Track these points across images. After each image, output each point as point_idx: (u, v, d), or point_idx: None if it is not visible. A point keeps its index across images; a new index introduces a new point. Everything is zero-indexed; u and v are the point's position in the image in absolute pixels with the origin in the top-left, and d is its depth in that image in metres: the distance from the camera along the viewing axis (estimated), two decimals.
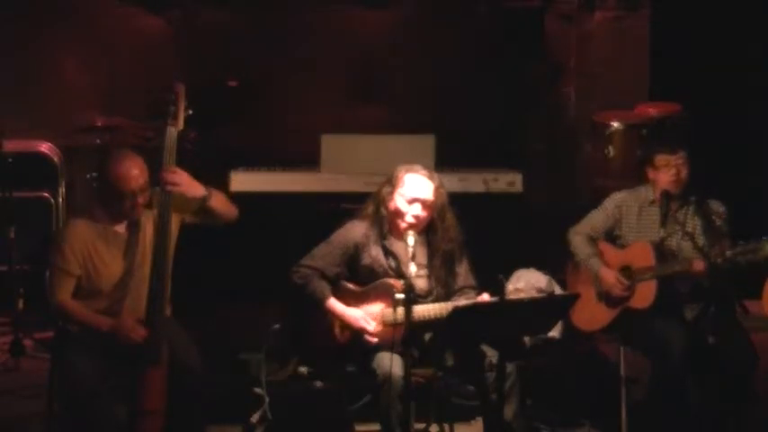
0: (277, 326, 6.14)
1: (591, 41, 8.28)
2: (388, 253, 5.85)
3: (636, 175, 6.72)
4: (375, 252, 5.84)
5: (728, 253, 5.75)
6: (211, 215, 5.64)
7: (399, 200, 5.79)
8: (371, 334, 5.74)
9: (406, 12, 8.17)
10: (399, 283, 5.66)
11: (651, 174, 6.15)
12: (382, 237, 5.85)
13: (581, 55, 8.23)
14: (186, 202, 5.57)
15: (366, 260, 5.85)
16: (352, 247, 5.85)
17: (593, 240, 6.22)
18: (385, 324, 5.75)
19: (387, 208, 5.83)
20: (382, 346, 5.68)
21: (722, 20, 7.97)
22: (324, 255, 5.85)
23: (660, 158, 6.11)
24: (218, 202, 5.63)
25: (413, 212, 5.77)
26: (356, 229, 5.88)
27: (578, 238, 6.23)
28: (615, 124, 7.62)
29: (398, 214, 5.79)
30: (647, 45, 8.29)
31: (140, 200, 5.51)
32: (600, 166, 7.65)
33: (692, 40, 8.01)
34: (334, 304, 5.80)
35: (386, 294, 5.76)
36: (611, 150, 7.58)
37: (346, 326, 5.80)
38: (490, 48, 8.10)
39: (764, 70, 7.99)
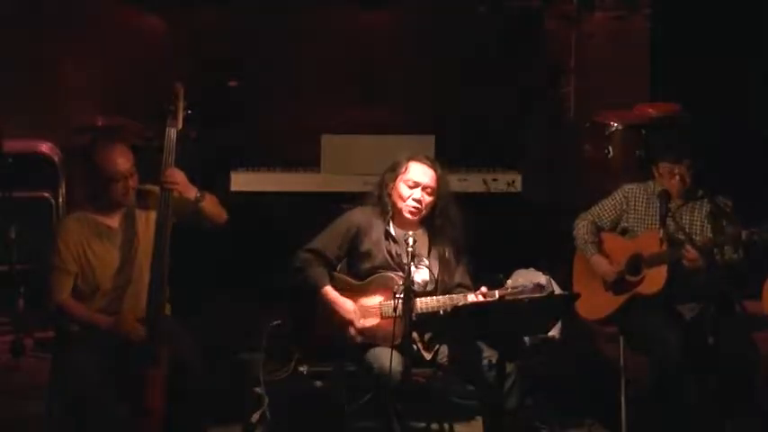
0: (277, 322, 6.15)
1: (591, 41, 8.27)
2: (389, 236, 5.88)
3: (635, 176, 6.73)
4: (376, 237, 5.87)
5: (744, 233, 5.81)
6: (201, 217, 5.65)
7: (402, 185, 5.85)
8: (356, 329, 5.77)
9: (406, 12, 8.16)
10: (399, 277, 5.68)
11: (656, 175, 6.19)
12: (385, 222, 5.90)
13: (581, 55, 8.23)
14: (181, 203, 5.58)
15: (366, 245, 5.87)
16: (353, 231, 5.89)
17: (596, 228, 6.26)
18: (383, 317, 5.77)
19: (389, 194, 5.88)
20: (380, 340, 5.70)
21: (722, 19, 7.97)
22: (325, 237, 5.92)
23: (663, 166, 6.15)
24: (210, 205, 5.66)
25: (415, 197, 5.83)
26: (359, 214, 5.95)
27: (582, 224, 6.29)
28: (615, 124, 7.62)
29: (401, 198, 5.84)
30: (647, 45, 8.29)
31: (131, 183, 5.55)
32: (600, 166, 7.65)
33: (692, 39, 8.00)
34: (329, 292, 5.82)
35: (385, 287, 5.79)
36: (611, 150, 7.58)
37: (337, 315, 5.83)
38: (490, 48, 8.10)
39: (765, 70, 7.99)
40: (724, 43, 7.98)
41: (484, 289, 5.71)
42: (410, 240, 5.55)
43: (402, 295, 5.43)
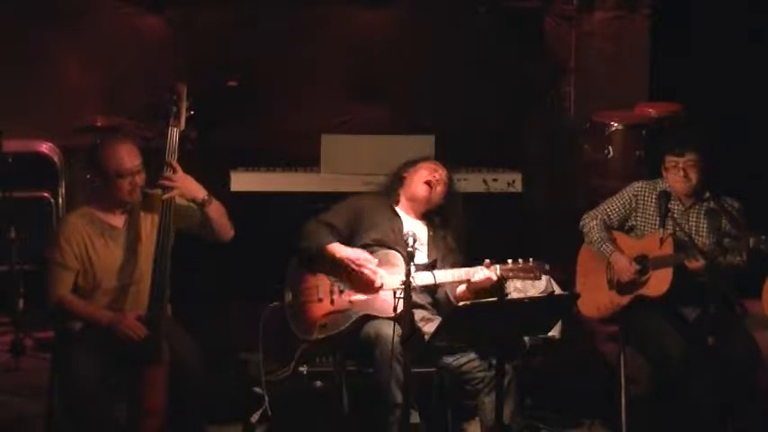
0: (275, 304, 6.14)
1: (591, 41, 8.28)
2: (394, 213, 6.06)
3: (635, 176, 6.73)
4: (380, 215, 6.04)
5: (752, 240, 5.81)
6: (206, 224, 5.62)
7: (422, 171, 6.08)
8: (373, 271, 5.85)
9: (406, 12, 8.17)
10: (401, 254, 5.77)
11: (663, 172, 6.18)
12: (391, 204, 6.09)
13: (581, 55, 8.23)
14: (187, 208, 5.57)
15: (370, 221, 6.03)
16: (359, 208, 6.07)
17: (607, 226, 6.24)
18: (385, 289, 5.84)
19: (402, 178, 6.11)
20: (378, 311, 5.78)
21: (722, 19, 7.97)
22: (333, 211, 6.08)
23: (669, 159, 6.14)
24: (216, 212, 5.62)
25: (436, 177, 6.04)
26: (366, 198, 6.16)
27: (593, 223, 6.26)
28: (615, 124, 7.62)
29: (420, 179, 6.04)
30: (647, 45, 8.29)
31: (138, 180, 5.54)
32: (600, 166, 7.65)
33: (692, 40, 8.01)
34: (336, 247, 5.91)
35: (387, 263, 5.90)
36: (611, 150, 7.58)
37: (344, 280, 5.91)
38: (490, 48, 8.10)
39: (765, 69, 7.99)
40: (724, 43, 7.98)
41: (487, 261, 5.82)
42: (410, 240, 5.57)
43: (403, 295, 5.44)
